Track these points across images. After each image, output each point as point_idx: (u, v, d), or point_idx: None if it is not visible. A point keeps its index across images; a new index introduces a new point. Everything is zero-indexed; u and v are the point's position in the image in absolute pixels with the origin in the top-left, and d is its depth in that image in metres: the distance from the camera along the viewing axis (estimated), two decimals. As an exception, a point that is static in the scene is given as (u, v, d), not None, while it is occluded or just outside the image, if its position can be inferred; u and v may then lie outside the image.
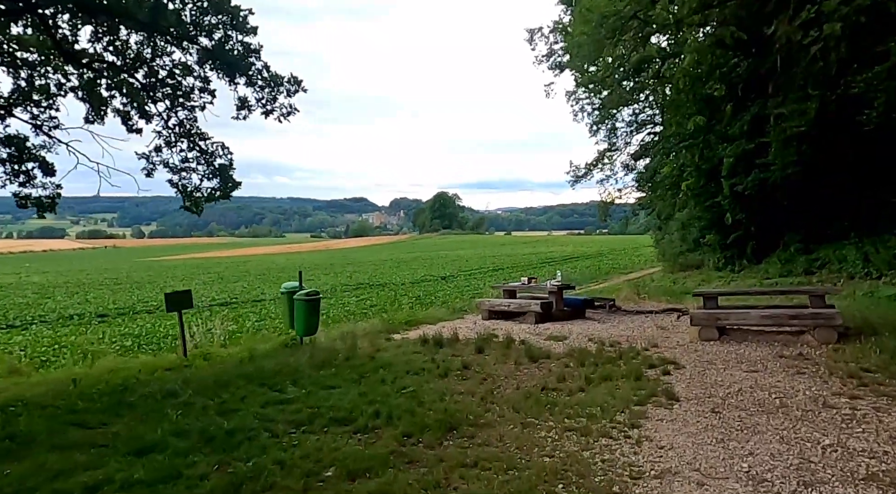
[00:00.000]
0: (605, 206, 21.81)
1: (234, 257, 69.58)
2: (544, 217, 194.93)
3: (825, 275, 15.26)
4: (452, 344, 8.39)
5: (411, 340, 8.74)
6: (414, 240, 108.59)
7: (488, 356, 7.64)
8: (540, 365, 7.02)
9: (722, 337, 8.10)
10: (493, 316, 11.32)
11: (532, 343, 8.48)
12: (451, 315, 12.21)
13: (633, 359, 7.05)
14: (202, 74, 7.64)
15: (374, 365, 7.00)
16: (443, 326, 10.59)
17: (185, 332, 7.51)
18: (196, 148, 7.66)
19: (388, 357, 7.56)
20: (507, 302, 11.31)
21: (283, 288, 8.41)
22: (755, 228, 17.77)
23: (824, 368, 6.11)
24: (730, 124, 16.56)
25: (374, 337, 9.22)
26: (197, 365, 7.22)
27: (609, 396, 5.37)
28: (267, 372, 6.42)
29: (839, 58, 13.89)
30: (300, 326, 7.98)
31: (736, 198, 17.07)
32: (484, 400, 5.44)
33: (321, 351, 7.62)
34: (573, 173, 21.65)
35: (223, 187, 7.91)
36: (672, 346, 7.89)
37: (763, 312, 7.91)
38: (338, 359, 7.21)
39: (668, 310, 11.44)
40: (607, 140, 21.00)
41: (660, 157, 19.85)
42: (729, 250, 18.62)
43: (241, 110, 7.79)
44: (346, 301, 20.02)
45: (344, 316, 15.59)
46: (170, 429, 4.44)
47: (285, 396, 5.53)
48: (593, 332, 9.36)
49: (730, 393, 5.35)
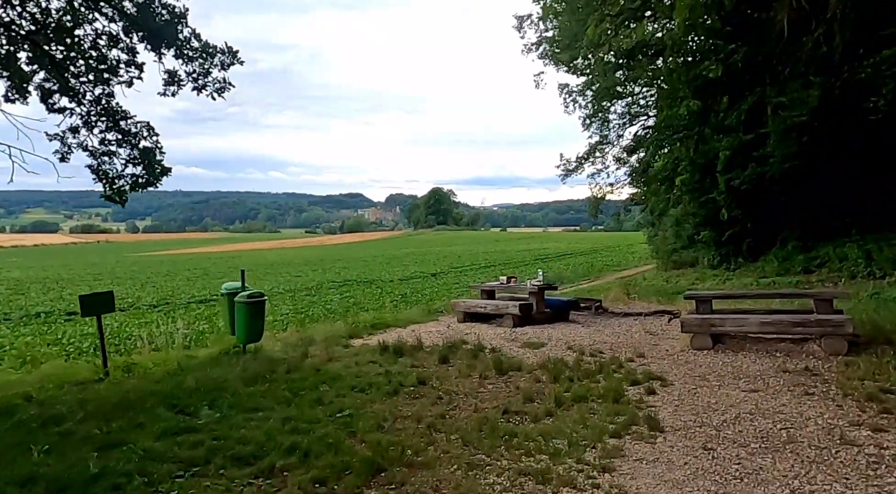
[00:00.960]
0: (596, 202, 20.89)
1: (224, 252, 68.42)
2: (540, 213, 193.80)
3: (825, 274, 14.43)
4: (415, 352, 7.48)
5: (371, 347, 7.82)
6: (408, 235, 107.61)
7: (452, 367, 6.73)
8: (508, 380, 6.11)
9: (716, 346, 7.20)
10: (468, 318, 10.42)
11: (504, 351, 7.58)
12: (426, 316, 11.28)
13: (615, 373, 6.15)
14: (128, 45, 6.68)
15: (317, 379, 6.08)
16: (412, 330, 9.68)
17: (104, 340, 6.57)
18: (116, 128, 6.71)
19: (338, 368, 6.64)
20: (483, 303, 10.40)
21: (224, 288, 7.46)
22: (751, 225, 16.97)
23: (836, 387, 5.20)
24: (726, 114, 15.66)
25: (332, 342, 8.29)
26: (114, 378, 6.29)
27: (580, 424, 4.46)
28: (185, 389, 5.49)
29: (843, 42, 13.01)
30: (241, 332, 7.05)
31: (732, 194, 16.24)
32: (431, 428, 4.52)
33: (261, 363, 6.69)
34: (564, 167, 20.71)
35: (149, 173, 6.95)
36: (660, 356, 6.99)
37: (763, 318, 7.00)
38: (277, 372, 6.28)
39: (659, 313, 10.56)
40: (599, 132, 20.06)
41: (653, 150, 18.94)
42: (724, 247, 17.84)
43: (169, 86, 6.84)
44: (329, 298, 19.23)
45: (324, 314, 14.79)
46: (15, 475, 3.50)
47: (193, 422, 4.60)
48: (574, 338, 8.46)
49: (726, 422, 4.44)
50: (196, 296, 20.79)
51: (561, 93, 20.86)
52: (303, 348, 7.79)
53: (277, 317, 14.46)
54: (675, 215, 20.06)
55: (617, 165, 20.18)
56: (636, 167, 19.95)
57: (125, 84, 6.79)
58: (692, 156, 17.03)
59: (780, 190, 15.84)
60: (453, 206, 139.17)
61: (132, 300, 20.11)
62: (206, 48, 6.66)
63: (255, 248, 78.00)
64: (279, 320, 14.08)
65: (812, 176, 15.11)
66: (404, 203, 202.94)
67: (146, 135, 6.88)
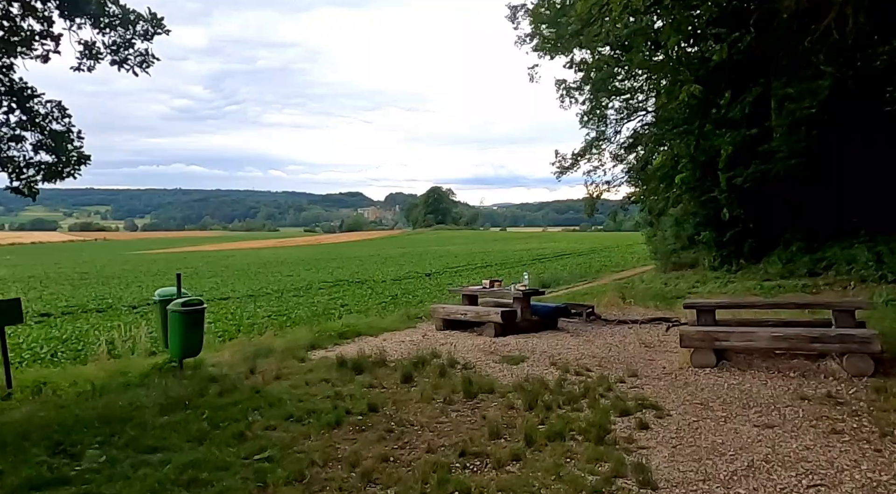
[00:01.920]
0: (592, 201, 19.90)
1: (218, 251, 67.48)
2: (540, 213, 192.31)
3: (832, 278, 13.53)
4: (376, 368, 6.55)
5: (330, 361, 6.88)
6: (406, 235, 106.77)
7: (415, 388, 5.80)
8: (476, 405, 5.19)
9: (721, 363, 6.27)
10: (448, 325, 9.49)
11: (478, 367, 6.65)
12: (404, 323, 10.35)
13: (602, 398, 5.22)
14: (44, 14, 5.77)
15: (251, 404, 5.15)
16: (383, 339, 8.77)
17: (7, 357, 5.63)
18: (21, 108, 5.77)
19: (281, 390, 5.72)
20: (463, 309, 9.46)
21: (157, 295, 6.50)
22: (754, 225, 16.09)
23: (869, 421, 4.28)
24: (728, 108, 14.71)
25: (288, 355, 7.37)
26: (16, 400, 5.37)
27: (552, 474, 3.53)
28: (82, 420, 4.56)
29: (857, 28, 12.06)
30: (175, 346, 6.11)
31: (733, 193, 15.38)
32: (366, 477, 3.60)
33: (193, 383, 5.77)
34: (559, 164, 19.68)
35: (63, 162, 6.02)
36: (656, 375, 6.06)
37: (775, 331, 6.06)
38: (207, 396, 5.36)
39: (656, 320, 9.63)
40: (596, 128, 19.04)
41: (651, 146, 18.00)
42: (725, 248, 17.01)
43: (85, 60, 5.92)
44: (316, 299, 18.41)
45: (307, 317, 13.97)
46: None
47: (68, 469, 3.67)
48: (561, 350, 7.54)
49: (736, 473, 3.50)
50: (179, 297, 20.02)
51: (558, 90, 19.87)
52: (252, 362, 6.87)
53: (258, 320, 13.62)
54: (674, 215, 19.21)
55: (614, 163, 19.20)
56: (634, 164, 18.97)
57: (40, 58, 5.87)
58: (692, 153, 16.13)
59: (784, 188, 14.94)
60: (452, 206, 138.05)
61: (112, 300, 19.28)
62: (127, 14, 5.73)
63: (251, 247, 77.03)
64: (258, 323, 13.25)
65: (819, 172, 14.20)
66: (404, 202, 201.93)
67: (57, 116, 5.95)
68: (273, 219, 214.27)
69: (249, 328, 12.59)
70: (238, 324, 13.22)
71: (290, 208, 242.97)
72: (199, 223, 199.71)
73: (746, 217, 15.94)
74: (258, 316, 14.70)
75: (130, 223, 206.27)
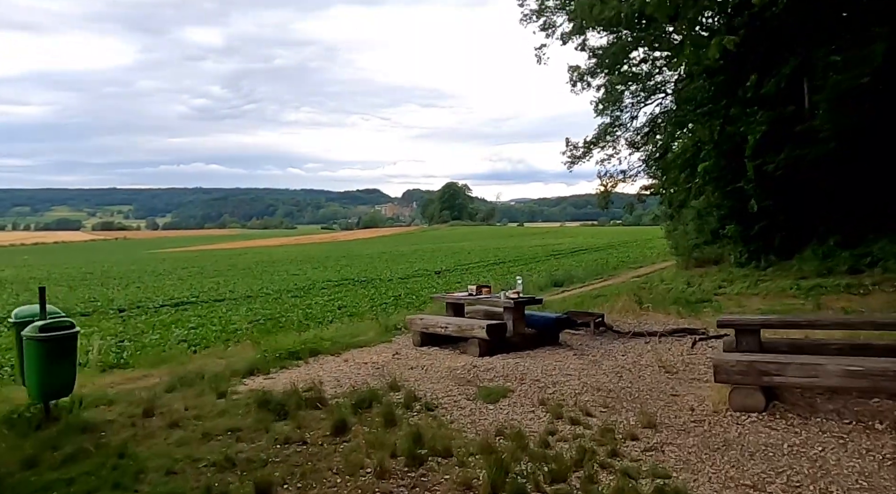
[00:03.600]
0: (605, 194, 17.98)
1: (232, 250, 66.75)
2: (558, 208, 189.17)
3: (878, 276, 11.78)
4: (306, 409, 4.94)
5: (257, 396, 5.30)
6: (422, 231, 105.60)
7: (346, 445, 4.20)
8: (420, 480, 3.57)
9: (771, 407, 4.55)
10: (426, 340, 7.85)
11: (442, 409, 5.02)
12: (379, 336, 8.72)
13: (603, 470, 3.57)
14: None
15: (96, 480, 3.60)
16: (345, 360, 7.19)
17: None
18: None
19: (161, 449, 4.14)
20: (444, 321, 7.79)
21: (14, 315, 4.92)
22: (785, 217, 14.24)
23: None
24: (761, 83, 12.80)
25: (211, 385, 5.80)
26: None
27: None
28: None
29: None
30: (33, 383, 4.53)
31: (762, 182, 13.60)
32: None
33: (37, 440, 4.24)
34: (570, 153, 17.73)
35: None
36: (682, 425, 4.37)
37: (851, 364, 4.32)
38: (39, 465, 3.82)
39: (679, 332, 7.92)
40: (610, 113, 17.09)
41: (671, 131, 16.11)
42: (753, 243, 15.32)
43: None
44: (314, 300, 17.15)
45: (299, 321, 12.68)
46: None
47: None
48: (557, 378, 5.88)
49: None
50: (176, 298, 18.92)
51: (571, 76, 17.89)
52: (155, 400, 5.33)
53: (243, 326, 12.30)
54: (696, 207, 17.36)
55: (630, 151, 17.23)
56: (652, 151, 17.02)
57: None
58: (716, 139, 14.29)
59: (821, 174, 13.06)
60: (468, 201, 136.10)
61: (102, 303, 18.14)
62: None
63: (266, 245, 76.35)
64: (241, 330, 11.95)
65: (865, 154, 12.28)
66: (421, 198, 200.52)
67: None
68: (291, 216, 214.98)
69: (231, 335, 11.27)
70: (221, 330, 11.90)
71: (309, 206, 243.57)
72: (218, 221, 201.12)
73: (776, 208, 14.15)
74: (247, 319, 13.41)
75: (151, 222, 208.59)
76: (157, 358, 7.89)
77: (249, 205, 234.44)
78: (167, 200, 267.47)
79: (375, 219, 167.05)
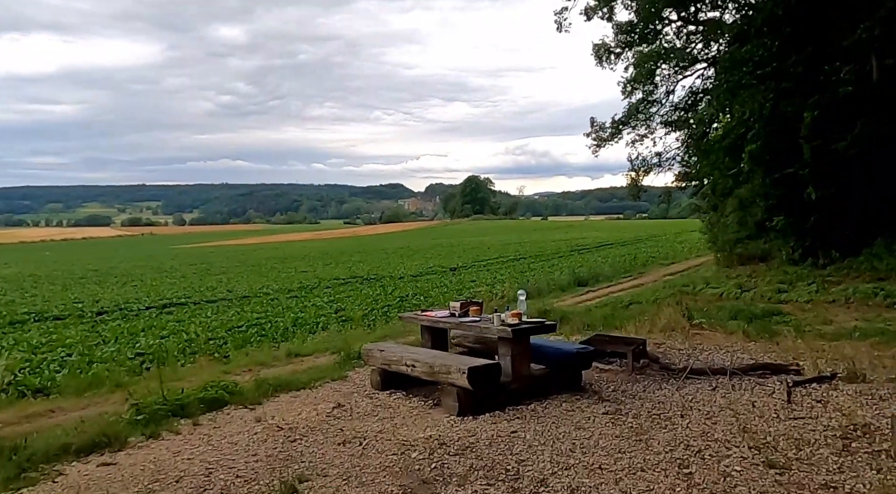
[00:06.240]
0: (636, 180, 16.35)
1: (251, 245, 66.38)
2: (582, 201, 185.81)
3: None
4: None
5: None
6: (444, 225, 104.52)
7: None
8: None
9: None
10: (388, 381, 5.61)
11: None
12: (332, 370, 6.45)
13: None
14: None
15: None
16: (257, 419, 4.92)
17: None
18: None
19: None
20: (410, 357, 5.35)
21: None
22: (849, 206, 12.53)
23: None
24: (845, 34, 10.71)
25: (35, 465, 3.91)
26: None
27: None
28: None
29: None
30: None
31: (821, 166, 11.84)
32: None
33: None
34: (596, 134, 16.10)
35: None
36: None
37: None
38: None
39: (760, 370, 5.55)
40: (643, 88, 15.38)
41: (717, 105, 14.20)
42: (807, 238, 13.58)
43: None
44: (313, 302, 16.00)
45: (284, 329, 11.62)
46: None
47: None
48: (575, 480, 3.41)
49: None
50: (166, 299, 17.86)
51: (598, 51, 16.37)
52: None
53: (220, 335, 11.16)
54: (739, 196, 15.62)
55: (666, 130, 15.48)
56: (692, 130, 15.20)
57: None
58: (767, 114, 12.53)
59: (888, 155, 11.36)
60: (490, 195, 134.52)
61: (85, 304, 17.20)
62: None
63: (287, 240, 75.79)
64: (216, 339, 10.84)
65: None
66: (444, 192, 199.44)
67: None
68: (315, 211, 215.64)
69: (202, 346, 10.10)
70: (191, 340, 10.75)
71: (332, 200, 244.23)
72: (243, 216, 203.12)
73: (838, 196, 12.42)
74: (229, 325, 12.28)
75: (179, 218, 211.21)
76: (89, 381, 6.66)
77: (274, 201, 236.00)
78: (195, 196, 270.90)
79: (398, 213, 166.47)
